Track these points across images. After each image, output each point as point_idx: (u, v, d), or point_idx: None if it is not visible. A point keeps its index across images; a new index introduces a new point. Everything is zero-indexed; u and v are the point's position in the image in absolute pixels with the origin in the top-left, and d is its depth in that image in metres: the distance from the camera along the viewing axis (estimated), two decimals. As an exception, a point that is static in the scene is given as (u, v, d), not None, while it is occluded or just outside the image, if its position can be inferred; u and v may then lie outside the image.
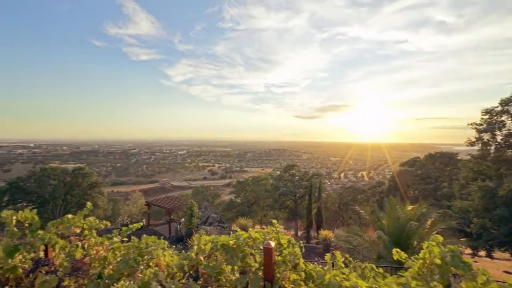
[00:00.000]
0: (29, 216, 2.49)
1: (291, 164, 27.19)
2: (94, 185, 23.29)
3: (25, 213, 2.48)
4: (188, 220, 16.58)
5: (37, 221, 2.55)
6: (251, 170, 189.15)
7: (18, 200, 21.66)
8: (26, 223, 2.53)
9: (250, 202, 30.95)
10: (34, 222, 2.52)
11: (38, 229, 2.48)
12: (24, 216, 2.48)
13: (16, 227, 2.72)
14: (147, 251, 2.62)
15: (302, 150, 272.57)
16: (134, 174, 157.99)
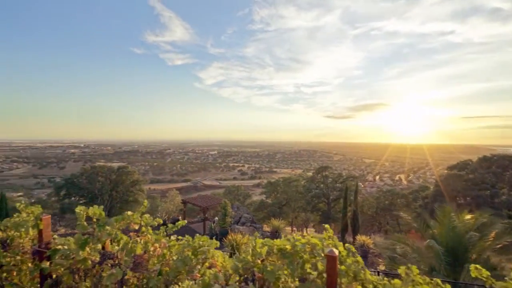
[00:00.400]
0: (97, 212, 2.67)
1: (324, 165, 26.37)
2: (136, 183, 25.02)
3: (94, 209, 2.65)
4: (222, 219, 16.93)
5: (103, 216, 2.72)
6: (281, 171, 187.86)
7: (72, 194, 24.12)
8: (94, 218, 2.71)
9: (281, 203, 30.68)
10: (101, 217, 2.70)
11: (105, 224, 2.63)
12: (93, 212, 2.65)
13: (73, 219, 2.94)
14: (201, 251, 2.65)
15: (333, 151, 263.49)
16: (169, 173, 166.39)
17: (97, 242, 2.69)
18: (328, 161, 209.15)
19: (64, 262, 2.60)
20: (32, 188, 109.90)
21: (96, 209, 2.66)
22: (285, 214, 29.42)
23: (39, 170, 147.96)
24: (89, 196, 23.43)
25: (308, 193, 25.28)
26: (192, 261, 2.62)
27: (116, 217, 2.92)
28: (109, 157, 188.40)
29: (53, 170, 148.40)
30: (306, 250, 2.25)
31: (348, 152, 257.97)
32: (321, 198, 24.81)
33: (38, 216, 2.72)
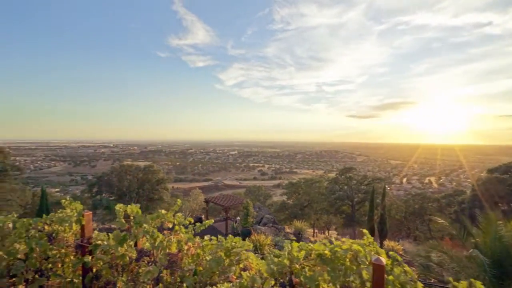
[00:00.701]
0: (135, 210, 2.73)
1: (348, 166, 25.48)
2: (161, 181, 25.94)
3: (132, 207, 2.72)
4: (244, 219, 16.97)
5: (140, 214, 2.78)
6: (301, 172, 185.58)
7: (103, 191, 25.54)
8: (132, 216, 2.78)
9: (302, 204, 30.19)
10: (138, 215, 2.76)
11: (142, 222, 2.69)
12: (131, 209, 2.72)
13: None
14: (234, 252, 2.61)
15: (356, 151, 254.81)
16: (191, 172, 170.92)
17: (134, 239, 2.76)
18: (351, 162, 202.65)
19: (104, 257, 2.69)
20: (67, 184, 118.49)
21: (133, 207, 2.73)
22: (306, 215, 28.90)
23: (73, 168, 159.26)
24: (118, 194, 24.65)
25: (331, 195, 24.58)
26: (225, 262, 2.59)
27: (151, 215, 2.98)
28: (135, 156, 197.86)
29: (86, 168, 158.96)
30: (347, 257, 2.12)
31: (372, 153, 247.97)
32: (344, 201, 24.00)
33: (80, 212, 2.85)
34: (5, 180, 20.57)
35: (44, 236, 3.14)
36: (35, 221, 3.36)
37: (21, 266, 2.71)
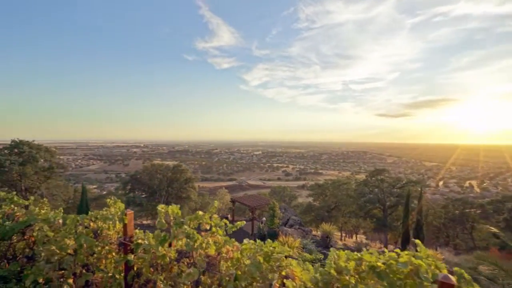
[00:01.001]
0: (175, 211, 2.74)
1: (380, 168, 24.18)
2: (189, 181, 26.78)
3: (173, 208, 2.73)
4: (270, 220, 16.85)
5: (180, 215, 2.79)
6: (327, 173, 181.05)
7: (136, 189, 26.96)
8: (172, 216, 2.80)
9: (329, 206, 29.31)
10: (177, 216, 2.76)
11: (181, 223, 2.69)
12: (172, 210, 2.74)
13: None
14: (275, 258, 2.49)
15: (386, 152, 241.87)
16: (216, 172, 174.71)
17: (173, 240, 2.77)
18: (380, 163, 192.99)
19: (146, 256, 2.74)
20: (103, 181, 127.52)
21: (174, 208, 2.74)
22: (333, 218, 27.99)
23: (108, 166, 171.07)
24: (149, 191, 25.84)
25: (361, 197, 23.49)
26: (264, 267, 2.49)
27: (190, 216, 2.98)
28: (164, 156, 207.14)
29: (119, 166, 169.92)
30: (405, 271, 1.90)
31: (404, 154, 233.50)
32: (375, 204, 22.79)
33: (123, 211, 2.93)
34: (52, 176, 22.64)
35: (90, 233, 3.30)
36: (81, 218, 3.55)
37: (70, 260, 2.85)
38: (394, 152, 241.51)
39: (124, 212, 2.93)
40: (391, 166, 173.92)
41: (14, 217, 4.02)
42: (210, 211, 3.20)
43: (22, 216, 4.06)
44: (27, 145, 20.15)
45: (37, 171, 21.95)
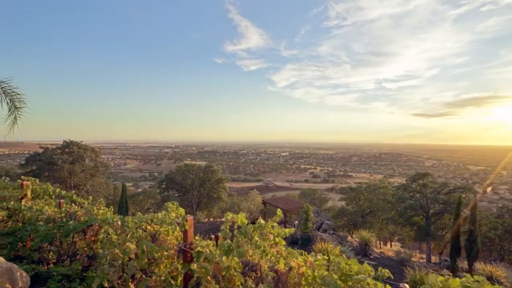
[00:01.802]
0: (243, 220, 2.55)
1: (422, 172, 22.29)
2: (220, 181, 27.18)
3: (240, 216, 2.55)
4: (303, 223, 16.33)
5: (245, 224, 2.60)
6: (357, 176, 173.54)
7: (170, 188, 28.01)
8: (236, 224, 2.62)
9: (363, 211, 27.80)
10: (243, 225, 2.57)
11: (246, 232, 2.49)
12: (238, 219, 2.55)
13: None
14: (356, 279, 2.17)
15: (424, 154, 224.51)
16: (243, 172, 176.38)
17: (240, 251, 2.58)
18: (417, 166, 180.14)
19: (208, 266, 2.58)
20: (138, 180, 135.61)
21: (241, 216, 2.55)
22: (368, 224, 26.50)
23: (143, 165, 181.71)
24: (182, 191, 26.67)
25: (400, 203, 21.84)
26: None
27: (253, 226, 2.78)
28: (193, 156, 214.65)
29: (153, 166, 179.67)
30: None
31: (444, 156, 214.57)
32: (417, 211, 21.03)
33: (184, 216, 2.82)
34: (96, 175, 24.46)
35: (148, 236, 3.27)
36: (139, 220, 3.54)
37: (133, 265, 2.81)
38: (433, 155, 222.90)
39: (185, 218, 2.82)
40: (430, 170, 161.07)
41: (75, 216, 4.18)
42: (273, 220, 2.97)
43: (82, 215, 4.21)
44: (76, 146, 22.03)
45: (83, 169, 23.86)
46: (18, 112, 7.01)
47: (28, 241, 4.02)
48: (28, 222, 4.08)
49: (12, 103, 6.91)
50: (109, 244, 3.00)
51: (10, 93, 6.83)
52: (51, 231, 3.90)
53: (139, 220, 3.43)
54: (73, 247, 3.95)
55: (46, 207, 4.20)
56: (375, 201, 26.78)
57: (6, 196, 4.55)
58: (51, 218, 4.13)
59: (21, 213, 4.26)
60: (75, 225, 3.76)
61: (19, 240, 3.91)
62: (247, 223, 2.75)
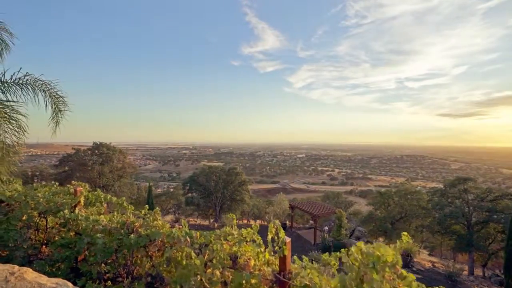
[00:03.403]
0: (383, 251, 1.97)
1: (463, 176, 20.61)
2: (243, 183, 26.79)
3: (377, 247, 1.97)
4: (336, 230, 15.50)
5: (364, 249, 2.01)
6: (377, 178, 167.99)
7: (193, 189, 28.02)
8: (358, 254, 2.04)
9: (394, 217, 26.26)
10: (368, 253, 1.99)
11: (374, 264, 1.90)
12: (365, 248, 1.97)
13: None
14: None
15: (450, 156, 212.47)
16: (259, 174, 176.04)
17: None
18: (442, 169, 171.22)
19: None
20: (157, 180, 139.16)
21: (381, 248, 1.96)
22: (399, 231, 24.97)
23: (162, 166, 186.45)
24: (206, 193, 26.55)
25: (439, 209, 20.29)
26: None
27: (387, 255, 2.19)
28: (210, 157, 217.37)
29: (171, 166, 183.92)
30: None
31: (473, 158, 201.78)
32: (458, 219, 19.41)
33: (283, 240, 2.27)
34: (123, 175, 24.92)
35: (227, 258, 2.77)
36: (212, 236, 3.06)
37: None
38: (461, 157, 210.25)
39: (284, 241, 2.29)
40: (457, 173, 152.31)
41: (133, 227, 3.79)
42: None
43: (139, 226, 3.81)
44: (105, 147, 22.60)
45: (111, 170, 24.40)
46: (61, 115, 6.89)
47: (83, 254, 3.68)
48: (84, 233, 3.74)
49: (56, 105, 6.80)
50: (188, 268, 2.52)
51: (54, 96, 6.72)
52: (108, 244, 3.53)
53: (211, 237, 2.95)
54: (133, 263, 3.54)
55: (102, 217, 3.83)
56: (406, 206, 25.20)
57: (58, 202, 4.26)
58: (107, 229, 3.77)
59: (74, 222, 3.94)
60: (137, 239, 3.35)
61: (76, 253, 3.57)
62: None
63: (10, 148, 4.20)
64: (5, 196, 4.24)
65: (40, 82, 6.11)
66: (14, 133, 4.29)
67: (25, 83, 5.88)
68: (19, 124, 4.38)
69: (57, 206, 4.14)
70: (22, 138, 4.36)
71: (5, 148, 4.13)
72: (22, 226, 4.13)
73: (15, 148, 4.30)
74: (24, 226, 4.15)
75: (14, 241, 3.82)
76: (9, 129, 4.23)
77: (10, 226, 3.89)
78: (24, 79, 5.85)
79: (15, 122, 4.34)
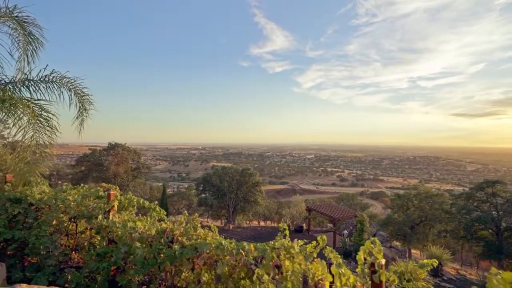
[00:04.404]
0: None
1: (491, 179, 19.55)
2: (257, 184, 26.40)
3: None
4: (358, 234, 14.86)
5: None
6: (388, 180, 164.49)
7: (207, 190, 27.84)
8: None
9: (413, 221, 25.25)
10: None
11: None
12: None
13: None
14: None
15: (466, 158, 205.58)
16: (268, 174, 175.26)
17: None
18: (458, 171, 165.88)
19: None
20: (167, 180, 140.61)
21: None
22: (419, 236, 24.01)
23: (172, 166, 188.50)
24: (220, 194, 26.31)
25: (465, 214, 19.29)
26: None
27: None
28: (219, 158, 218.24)
29: (181, 167, 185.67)
30: None
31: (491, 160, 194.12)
32: (487, 224, 18.37)
33: (378, 262, 1.84)
34: (138, 176, 25.00)
35: (299, 280, 2.36)
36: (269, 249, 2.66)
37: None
38: (477, 158, 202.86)
39: (380, 264, 1.85)
40: (473, 175, 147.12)
41: (172, 236, 3.43)
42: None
43: (180, 235, 3.45)
44: (121, 147, 22.73)
45: (126, 170, 24.50)
46: (86, 114, 6.66)
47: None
48: (120, 241, 3.41)
49: (81, 104, 6.58)
50: None
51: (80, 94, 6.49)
52: (148, 255, 3.18)
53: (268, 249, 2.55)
54: (176, 278, 3.18)
55: (139, 223, 3.50)
56: (428, 210, 24.17)
57: (90, 206, 3.96)
58: (144, 238, 3.43)
59: (108, 229, 3.62)
60: (182, 251, 2.98)
61: (114, 264, 3.24)
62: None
63: (42, 149, 3.94)
64: (35, 199, 3.99)
65: (66, 79, 5.88)
66: (46, 132, 4.03)
67: (52, 80, 5.66)
68: (50, 124, 4.11)
69: (89, 211, 3.85)
70: (54, 138, 4.09)
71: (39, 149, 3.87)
72: (53, 231, 3.88)
73: (48, 149, 4.04)
74: (55, 232, 3.89)
75: (46, 249, 3.55)
76: (40, 128, 3.97)
77: (41, 232, 3.62)
78: (50, 77, 5.63)
79: (46, 121, 4.08)
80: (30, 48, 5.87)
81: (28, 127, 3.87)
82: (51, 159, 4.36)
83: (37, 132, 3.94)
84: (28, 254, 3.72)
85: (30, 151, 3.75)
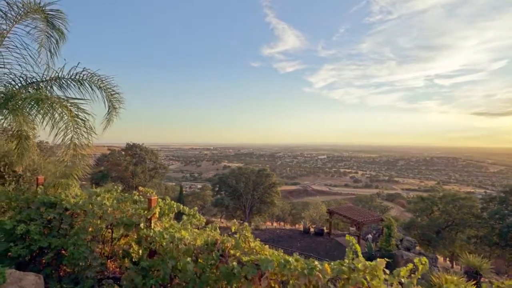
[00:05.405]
0: None
1: (529, 182, 18.18)
2: (273, 185, 25.94)
3: None
4: (385, 239, 14.09)
5: None
6: (404, 181, 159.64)
7: (222, 190, 27.67)
8: None
9: (439, 226, 24.06)
10: None
11: None
12: None
13: None
14: None
15: (487, 159, 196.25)
16: (279, 175, 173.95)
17: None
18: (479, 172, 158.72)
19: None
20: (180, 180, 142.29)
21: None
22: (446, 241, 22.84)
23: (184, 166, 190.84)
24: (236, 194, 26.04)
25: (498, 219, 18.07)
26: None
27: None
28: (230, 158, 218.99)
29: (193, 167, 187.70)
30: None
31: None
32: (523, 230, 17.10)
33: None
34: (155, 176, 25.10)
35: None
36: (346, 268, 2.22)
37: None
38: (500, 159, 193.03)
39: None
40: (496, 177, 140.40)
41: (223, 248, 3.05)
42: None
43: (231, 248, 3.06)
44: (138, 148, 22.91)
45: (143, 171, 24.66)
46: (115, 112, 6.43)
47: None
48: (164, 252, 3.07)
49: (111, 103, 6.35)
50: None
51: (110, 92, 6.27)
52: (199, 271, 2.81)
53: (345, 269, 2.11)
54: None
55: (185, 233, 3.13)
56: (455, 214, 22.95)
57: (128, 212, 3.64)
58: (191, 250, 3.06)
59: (151, 239, 3.29)
60: (240, 269, 2.59)
61: (162, 280, 2.89)
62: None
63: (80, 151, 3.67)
64: (71, 203, 3.72)
65: (96, 77, 5.65)
66: (83, 134, 3.76)
67: (82, 78, 5.45)
68: (87, 124, 3.84)
69: (128, 218, 3.53)
70: (92, 139, 3.82)
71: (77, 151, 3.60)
72: (90, 239, 3.60)
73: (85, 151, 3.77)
74: (92, 240, 3.61)
75: (84, 259, 3.26)
76: (78, 129, 3.70)
77: (79, 241, 3.34)
78: (81, 75, 5.42)
79: (83, 122, 3.81)
80: (54, 45, 5.68)
81: (68, 128, 3.61)
82: (88, 161, 4.09)
83: (75, 133, 3.68)
84: (65, 264, 3.45)
85: (70, 154, 3.49)
